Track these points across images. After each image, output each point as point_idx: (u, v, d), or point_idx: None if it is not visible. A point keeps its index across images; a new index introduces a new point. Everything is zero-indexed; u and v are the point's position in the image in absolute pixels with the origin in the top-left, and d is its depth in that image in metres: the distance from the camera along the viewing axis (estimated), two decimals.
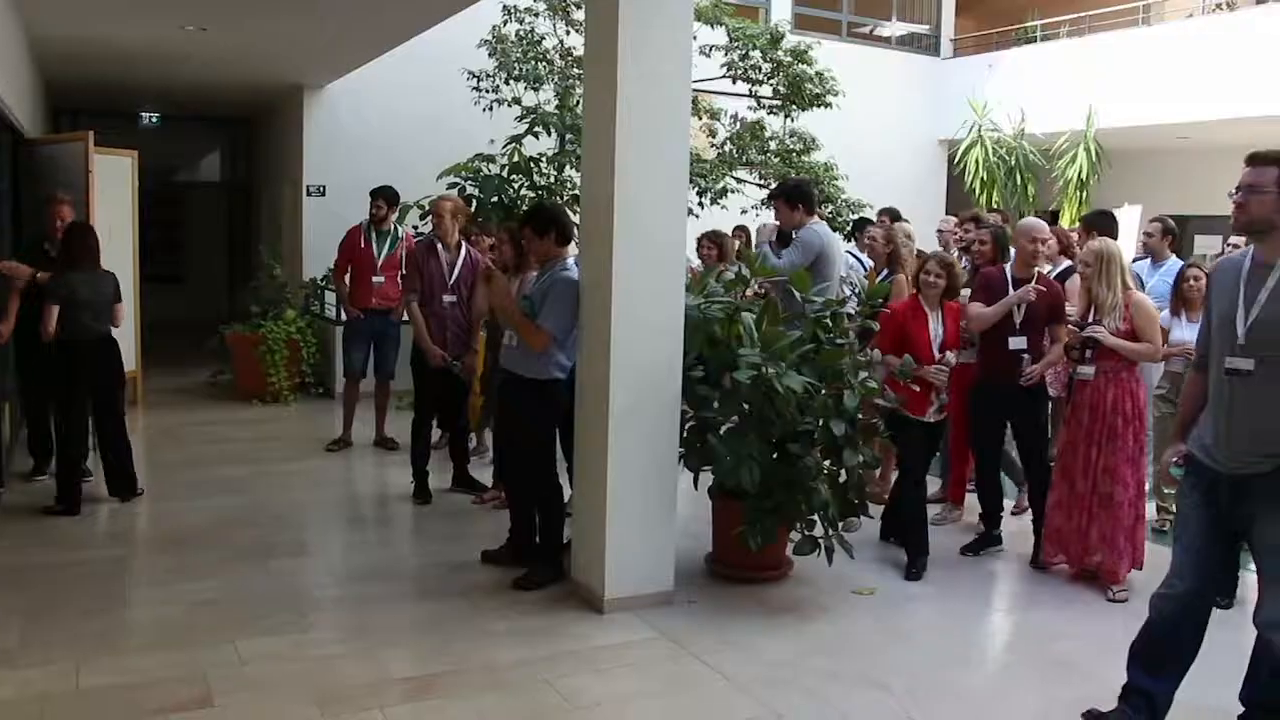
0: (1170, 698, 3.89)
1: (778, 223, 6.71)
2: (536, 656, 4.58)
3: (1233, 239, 11.29)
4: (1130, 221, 11.26)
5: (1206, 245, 13.58)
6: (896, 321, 5.84)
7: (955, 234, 7.92)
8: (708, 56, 10.84)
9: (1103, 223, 7.06)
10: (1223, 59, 13.41)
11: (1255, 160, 3.70)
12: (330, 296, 10.76)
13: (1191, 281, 6.39)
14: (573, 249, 5.49)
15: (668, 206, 5.03)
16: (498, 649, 4.65)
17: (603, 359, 4.97)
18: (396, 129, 11.49)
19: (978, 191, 14.92)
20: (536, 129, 9.78)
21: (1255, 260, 3.66)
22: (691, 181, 9.98)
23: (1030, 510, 6.12)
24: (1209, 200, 16.03)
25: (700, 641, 4.79)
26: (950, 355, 5.81)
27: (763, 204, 10.77)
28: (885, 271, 7.01)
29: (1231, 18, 14.75)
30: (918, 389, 5.69)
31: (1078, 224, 10.09)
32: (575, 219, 5.78)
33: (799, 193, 6.61)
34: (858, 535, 6.01)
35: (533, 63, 10.39)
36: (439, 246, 7.05)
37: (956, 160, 15.57)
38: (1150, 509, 6.11)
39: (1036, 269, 6.00)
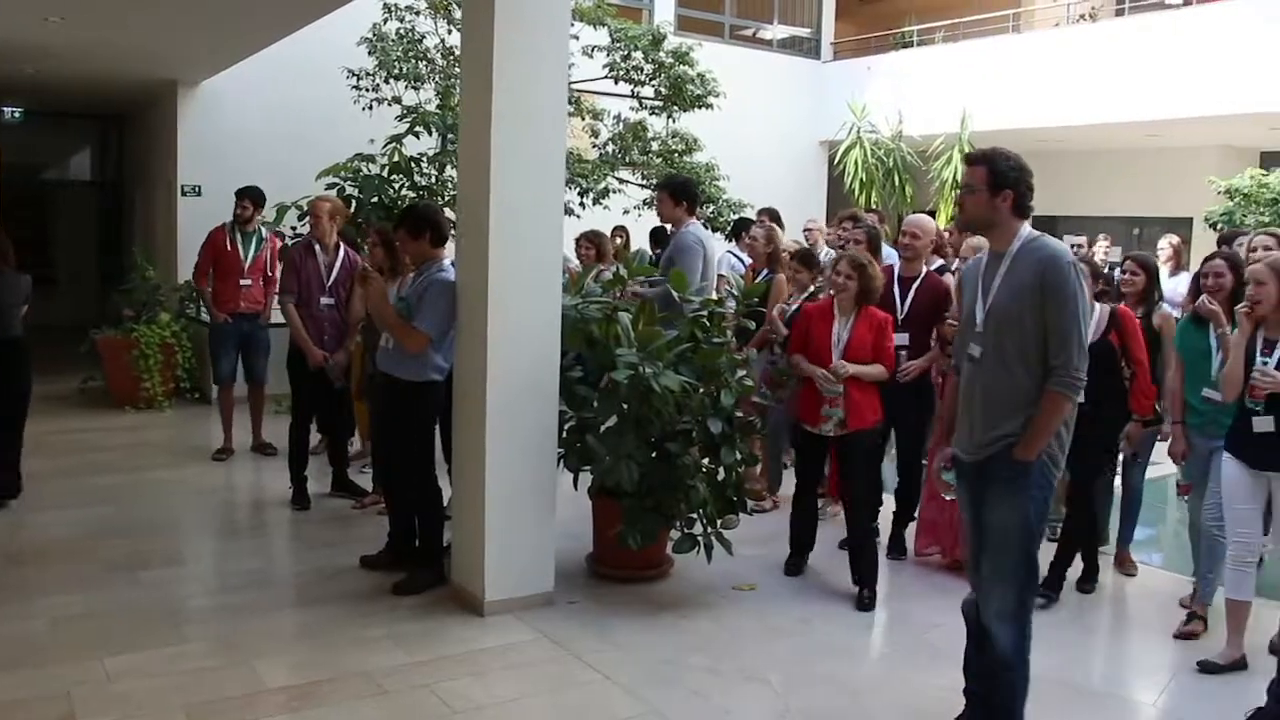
0: None
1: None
2: (416, 662, 4.55)
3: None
4: None
5: (1075, 243, 14.10)
6: (804, 323, 5.67)
7: (828, 233, 8.05)
8: (590, 57, 10.84)
9: None
10: (1086, 66, 13.93)
11: (967, 160, 3.80)
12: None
13: None
14: (450, 250, 5.45)
15: (544, 206, 5.03)
16: (377, 655, 4.59)
17: (479, 360, 4.95)
18: (274, 128, 11.23)
19: (857, 192, 15.22)
20: (417, 129, 9.68)
21: (991, 253, 3.80)
22: (573, 182, 10.00)
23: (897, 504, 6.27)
24: (1076, 201, 16.70)
25: (582, 642, 4.81)
26: (843, 364, 5.35)
27: (645, 204, 10.83)
28: (765, 271, 7.10)
29: (1094, 28, 15.33)
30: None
31: (951, 223, 10.36)
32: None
33: (685, 190, 6.68)
34: (737, 532, 6.05)
35: (413, 61, 10.27)
36: (316, 248, 6.94)
37: (836, 161, 15.86)
38: None
39: (925, 268, 6.11)
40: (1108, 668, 5.11)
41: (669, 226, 6.73)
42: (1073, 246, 10.84)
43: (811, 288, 6.43)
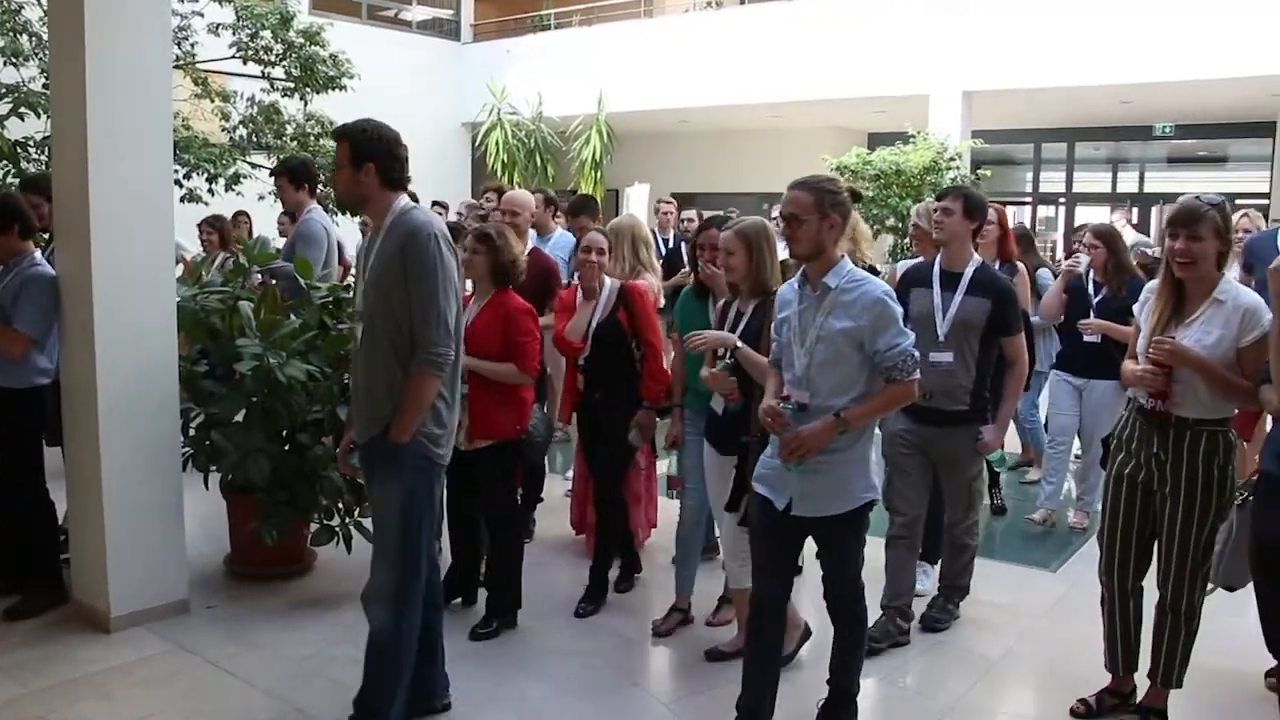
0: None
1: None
2: (32, 692, 4.19)
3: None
4: (640, 199, 12.11)
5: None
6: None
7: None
8: (216, 35, 10.36)
9: (588, 206, 7.32)
10: (714, 51, 14.71)
11: (333, 137, 3.87)
12: None
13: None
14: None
15: (150, 190, 4.73)
16: None
17: (87, 359, 4.61)
18: None
19: (500, 172, 15.41)
20: (22, 110, 8.89)
21: (373, 230, 3.75)
22: (200, 167, 9.55)
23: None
24: (712, 178, 17.61)
25: (220, 648, 4.61)
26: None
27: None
28: None
29: (719, 14, 16.20)
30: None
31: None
32: None
33: (304, 171, 6.48)
34: None
35: (12, 35, 9.42)
36: None
37: (478, 143, 15.97)
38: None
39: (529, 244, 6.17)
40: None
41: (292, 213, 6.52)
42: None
43: None
